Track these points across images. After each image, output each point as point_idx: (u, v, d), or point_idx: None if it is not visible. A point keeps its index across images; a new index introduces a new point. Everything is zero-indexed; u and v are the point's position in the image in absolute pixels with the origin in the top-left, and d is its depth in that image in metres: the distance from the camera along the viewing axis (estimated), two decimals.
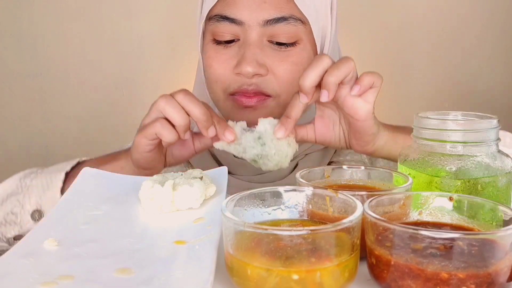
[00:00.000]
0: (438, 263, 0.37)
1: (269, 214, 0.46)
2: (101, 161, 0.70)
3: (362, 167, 0.56)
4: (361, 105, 0.63)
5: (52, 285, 0.39)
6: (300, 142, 0.69)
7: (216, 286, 0.40)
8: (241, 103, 0.76)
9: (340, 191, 0.44)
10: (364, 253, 0.42)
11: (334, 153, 0.89)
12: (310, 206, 0.46)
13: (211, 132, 0.64)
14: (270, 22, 0.74)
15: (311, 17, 0.76)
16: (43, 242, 0.45)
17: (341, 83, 0.61)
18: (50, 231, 0.47)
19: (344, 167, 0.56)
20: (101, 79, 1.82)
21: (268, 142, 0.64)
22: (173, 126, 0.63)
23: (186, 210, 0.52)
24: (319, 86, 0.61)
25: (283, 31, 0.74)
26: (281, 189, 0.46)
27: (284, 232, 0.38)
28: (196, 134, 0.68)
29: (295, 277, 0.36)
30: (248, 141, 0.65)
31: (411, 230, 0.37)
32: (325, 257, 0.37)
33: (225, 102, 0.78)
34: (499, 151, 0.52)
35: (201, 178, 0.55)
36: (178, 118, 0.62)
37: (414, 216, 0.46)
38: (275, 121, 0.65)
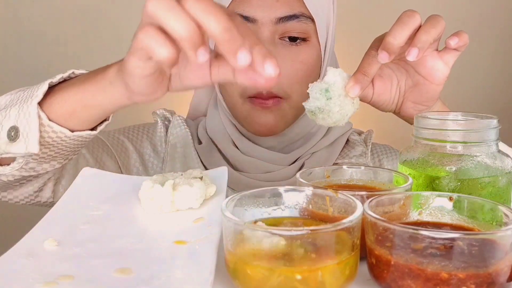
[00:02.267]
0: (438, 263, 0.37)
1: (269, 214, 0.46)
2: (88, 75, 0.57)
3: (362, 167, 0.56)
4: (440, 67, 0.61)
5: (52, 285, 0.39)
6: (360, 98, 0.64)
7: (216, 286, 0.40)
8: (261, 104, 0.77)
9: (340, 191, 0.44)
10: (364, 253, 0.42)
11: (339, 155, 0.89)
12: (310, 206, 0.46)
13: (242, 58, 0.41)
14: (283, 19, 0.76)
15: (317, 15, 0.79)
16: (43, 242, 0.45)
17: None
18: (50, 231, 0.47)
19: (344, 167, 0.56)
20: None
21: (335, 96, 0.58)
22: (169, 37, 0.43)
23: (186, 210, 0.52)
24: None
25: (294, 28, 0.77)
26: (281, 189, 0.46)
27: (284, 232, 0.38)
28: (217, 57, 0.50)
29: (298, 276, 0.36)
30: (313, 91, 0.58)
31: (411, 230, 0.37)
32: (325, 256, 0.37)
33: (243, 106, 0.79)
34: (499, 151, 0.52)
35: (201, 178, 0.55)
36: (179, 26, 0.41)
37: (414, 216, 0.46)
38: (344, 74, 0.59)
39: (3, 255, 0.43)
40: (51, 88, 0.58)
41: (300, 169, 0.85)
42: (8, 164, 0.61)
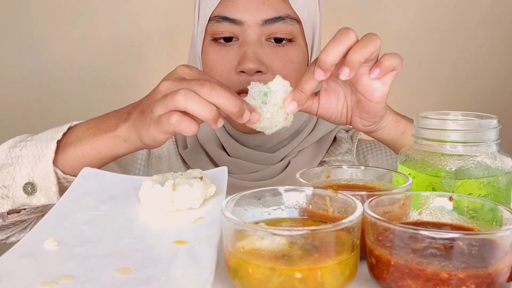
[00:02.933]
0: (438, 263, 0.37)
1: (269, 214, 0.46)
2: (96, 131, 0.65)
3: (362, 167, 0.56)
4: (377, 87, 0.61)
5: (52, 285, 0.39)
6: (303, 111, 0.66)
7: (216, 286, 0.40)
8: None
9: (340, 191, 0.44)
10: (364, 253, 0.42)
11: (326, 152, 0.90)
12: (310, 206, 0.46)
13: (246, 117, 0.59)
14: (269, 21, 0.77)
15: (304, 17, 0.80)
16: (43, 242, 0.45)
17: None
18: (50, 231, 0.47)
19: (344, 167, 0.56)
20: (101, 79, 1.81)
21: (270, 103, 0.60)
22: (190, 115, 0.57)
23: (186, 210, 0.52)
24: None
25: (280, 30, 0.78)
26: (281, 189, 0.46)
27: (284, 232, 0.38)
28: None
29: (298, 276, 0.36)
30: (253, 90, 0.61)
31: (411, 230, 0.37)
32: (325, 256, 0.37)
33: None
34: (499, 151, 0.52)
35: (201, 178, 0.55)
36: (206, 113, 0.56)
37: (414, 216, 0.46)
38: (289, 87, 0.61)
39: (3, 255, 0.43)
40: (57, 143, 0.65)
41: (285, 167, 0.86)
42: (18, 212, 0.68)
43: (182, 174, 0.56)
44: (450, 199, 0.45)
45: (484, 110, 0.61)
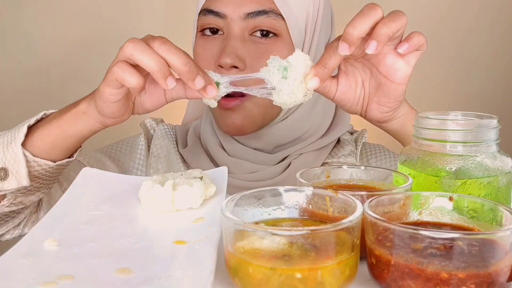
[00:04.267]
0: (438, 263, 0.37)
1: (269, 214, 0.46)
2: (63, 111, 0.67)
3: (362, 167, 0.56)
4: (401, 67, 0.60)
5: (52, 285, 0.39)
6: (321, 93, 0.65)
7: (216, 286, 0.40)
8: (224, 105, 0.78)
9: (340, 191, 0.44)
10: (364, 253, 0.42)
11: (329, 154, 0.89)
12: (310, 206, 0.46)
13: (198, 83, 0.57)
14: (251, 15, 0.77)
15: (287, 13, 0.78)
16: (43, 242, 0.45)
17: None
18: (50, 231, 0.47)
19: (344, 167, 0.56)
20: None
21: (291, 78, 0.58)
22: (137, 69, 0.56)
23: (186, 210, 0.52)
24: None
25: (264, 24, 0.77)
26: (281, 189, 0.46)
27: (284, 232, 0.38)
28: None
29: (298, 275, 0.36)
30: (271, 64, 0.59)
31: (411, 230, 0.37)
32: (325, 256, 0.37)
33: (213, 108, 0.80)
34: (499, 151, 0.52)
35: (201, 178, 0.55)
36: (151, 63, 0.55)
37: (414, 216, 0.46)
38: (309, 62, 0.59)
39: (3, 255, 0.43)
40: (29, 129, 0.67)
41: (286, 168, 0.85)
42: None
43: (182, 174, 0.56)
44: (450, 199, 0.45)
45: (484, 110, 0.61)
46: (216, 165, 0.87)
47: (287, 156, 0.86)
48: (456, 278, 0.36)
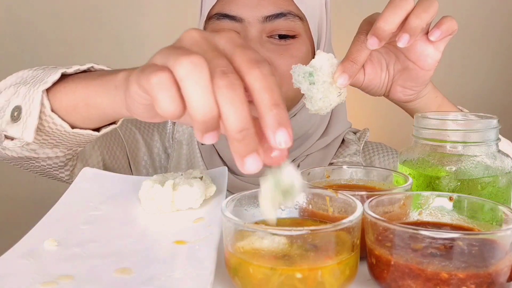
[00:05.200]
0: (438, 263, 0.37)
1: None
2: (101, 74, 0.55)
3: (362, 167, 0.56)
4: (430, 53, 0.58)
5: (52, 285, 0.39)
6: (352, 85, 0.61)
7: (216, 286, 0.40)
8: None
9: (340, 191, 0.44)
10: (364, 253, 0.42)
11: (334, 154, 0.90)
12: (310, 206, 0.46)
13: (249, 164, 0.39)
14: (269, 18, 0.76)
15: (308, 13, 0.78)
16: (43, 242, 0.45)
17: None
18: (50, 231, 0.47)
19: (344, 167, 0.56)
20: None
21: (319, 82, 0.54)
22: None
23: (186, 210, 0.52)
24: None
25: (282, 27, 0.76)
26: None
27: (284, 232, 0.38)
28: None
29: (298, 275, 0.36)
30: (296, 73, 0.55)
31: (411, 230, 0.37)
32: (325, 256, 0.37)
33: None
34: (499, 151, 0.52)
35: (201, 178, 0.55)
36: (200, 108, 0.36)
37: (414, 216, 0.46)
38: (334, 60, 0.55)
39: (3, 255, 0.43)
40: (64, 78, 0.57)
41: None
42: (12, 139, 0.60)
43: (182, 174, 0.56)
44: (450, 199, 0.45)
45: (484, 110, 0.61)
46: (227, 166, 0.87)
47: (295, 159, 0.86)
48: (456, 278, 0.36)
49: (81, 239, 0.47)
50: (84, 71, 0.59)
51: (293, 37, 0.77)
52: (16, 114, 0.55)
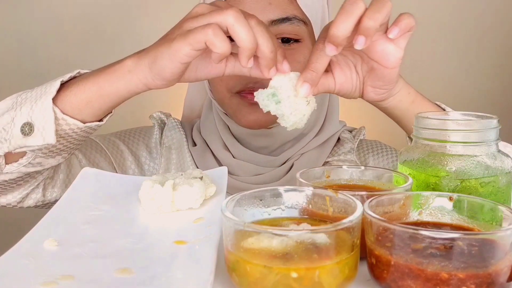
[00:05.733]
0: (438, 263, 0.37)
1: (269, 214, 0.46)
2: (103, 68, 0.62)
3: (362, 167, 0.56)
4: (392, 51, 0.59)
5: (52, 285, 0.39)
6: (323, 92, 0.63)
7: (216, 286, 0.41)
8: (248, 100, 0.77)
9: (340, 191, 0.44)
10: (364, 253, 0.42)
11: (329, 153, 0.90)
12: (310, 206, 0.46)
13: (272, 73, 0.57)
14: (275, 22, 0.76)
15: (312, 18, 0.79)
16: (43, 242, 0.45)
17: None
18: (50, 231, 0.47)
19: (344, 167, 0.56)
20: None
21: (284, 99, 0.56)
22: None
23: (186, 210, 0.52)
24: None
25: (287, 31, 0.77)
26: (281, 189, 0.46)
27: (284, 232, 0.38)
28: (232, 54, 0.60)
29: (294, 275, 0.36)
30: (260, 98, 0.57)
31: (411, 230, 0.37)
32: (324, 256, 0.37)
33: (230, 100, 0.80)
34: (499, 151, 0.52)
35: (201, 178, 0.55)
36: (247, 40, 0.54)
37: (414, 216, 0.46)
38: (293, 74, 0.58)
39: (3, 255, 0.43)
40: (64, 85, 0.62)
41: (289, 170, 0.85)
42: (16, 161, 0.64)
43: (182, 174, 0.56)
44: (450, 199, 0.45)
45: (484, 110, 0.61)
46: (221, 165, 0.87)
47: (289, 158, 0.87)
48: (456, 278, 0.36)
49: (81, 239, 0.47)
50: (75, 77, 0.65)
51: (297, 41, 0.78)
52: (27, 129, 0.60)
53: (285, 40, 0.78)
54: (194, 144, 0.91)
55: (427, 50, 1.95)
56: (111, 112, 0.66)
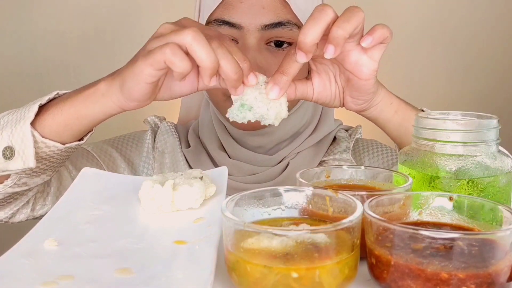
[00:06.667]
0: (438, 263, 0.37)
1: (269, 214, 0.46)
2: (79, 90, 0.63)
3: (362, 167, 0.56)
4: (365, 62, 0.59)
5: (52, 285, 0.39)
6: (300, 98, 0.64)
7: (216, 286, 0.41)
8: None
9: (340, 191, 0.44)
10: (364, 253, 0.42)
11: (325, 152, 0.90)
12: (310, 206, 0.46)
13: (239, 90, 0.57)
14: (268, 27, 0.76)
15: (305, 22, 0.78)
16: (43, 242, 0.45)
17: None
18: (50, 231, 0.47)
19: (344, 167, 0.56)
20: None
21: (254, 103, 0.57)
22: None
23: (186, 210, 0.52)
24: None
25: (280, 35, 0.77)
26: (281, 189, 0.46)
27: (284, 232, 0.38)
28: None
29: (294, 275, 0.36)
30: (232, 115, 0.59)
31: (411, 230, 0.37)
32: (324, 256, 0.37)
33: (225, 103, 0.80)
34: (499, 151, 0.52)
35: (201, 178, 0.55)
36: (207, 60, 0.53)
37: (414, 216, 0.46)
38: (262, 78, 0.58)
39: (3, 255, 0.43)
40: (40, 108, 0.64)
41: (284, 169, 0.86)
42: (2, 183, 0.66)
43: (182, 174, 0.56)
44: (450, 199, 0.45)
45: (484, 110, 0.61)
46: (217, 166, 0.87)
47: (285, 157, 0.87)
48: (456, 278, 0.36)
49: (81, 239, 0.47)
50: (52, 99, 0.66)
51: (290, 44, 0.78)
52: (8, 153, 0.62)
53: (278, 44, 0.78)
54: (188, 146, 0.91)
55: (427, 50, 1.95)
56: (92, 131, 0.67)
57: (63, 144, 0.64)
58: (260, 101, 0.57)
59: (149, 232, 0.49)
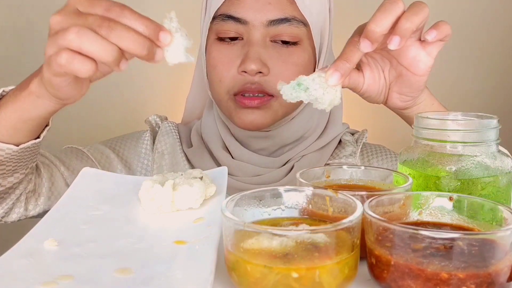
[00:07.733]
0: (438, 263, 0.37)
1: (269, 214, 0.46)
2: (17, 92, 0.60)
3: (362, 167, 0.56)
4: (423, 58, 0.59)
5: (52, 285, 0.39)
6: (351, 88, 0.63)
7: (216, 286, 0.41)
8: (243, 104, 0.77)
9: (340, 191, 0.44)
10: (364, 253, 0.42)
11: (330, 155, 0.90)
12: (310, 206, 0.46)
13: (158, 57, 0.51)
14: (274, 22, 0.76)
15: (311, 20, 0.79)
16: (43, 242, 0.45)
17: None
18: (50, 231, 0.47)
19: (344, 167, 0.56)
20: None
21: (311, 84, 0.54)
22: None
23: (186, 210, 0.52)
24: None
25: (286, 32, 0.77)
26: (281, 189, 0.46)
27: (284, 232, 0.38)
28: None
29: (295, 275, 0.36)
30: (289, 92, 0.55)
31: (411, 230, 0.37)
32: (324, 256, 0.37)
33: (227, 103, 0.80)
34: (499, 151, 0.52)
35: (201, 178, 0.55)
36: (105, 54, 0.48)
37: (414, 216, 0.46)
38: (320, 72, 0.55)
39: (3, 255, 0.43)
40: None
41: (289, 171, 0.85)
42: None
43: (182, 174, 0.56)
44: (450, 199, 0.45)
45: (484, 110, 0.61)
46: (220, 166, 0.87)
47: (290, 159, 0.86)
48: (456, 278, 0.36)
49: (81, 239, 0.47)
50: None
51: (295, 43, 0.78)
52: None
53: (284, 42, 0.78)
54: (190, 146, 0.91)
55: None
56: (48, 125, 0.65)
57: (17, 146, 0.62)
58: (318, 84, 0.55)
59: (149, 232, 0.49)
